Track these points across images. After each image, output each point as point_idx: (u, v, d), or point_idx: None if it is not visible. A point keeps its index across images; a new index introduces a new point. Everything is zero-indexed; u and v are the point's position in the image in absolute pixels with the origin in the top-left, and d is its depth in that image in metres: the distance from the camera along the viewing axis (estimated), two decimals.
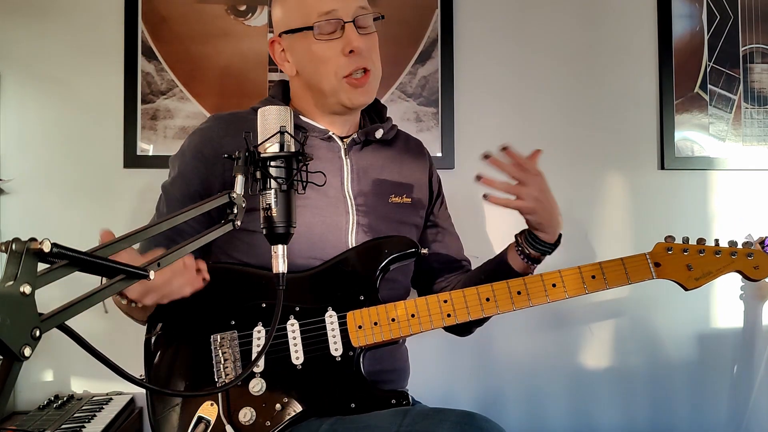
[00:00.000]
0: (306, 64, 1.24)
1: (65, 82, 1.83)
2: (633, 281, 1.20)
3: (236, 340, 1.14)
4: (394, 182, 1.31)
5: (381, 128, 1.31)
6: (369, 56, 1.23)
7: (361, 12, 1.21)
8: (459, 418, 0.97)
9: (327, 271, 1.18)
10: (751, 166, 1.99)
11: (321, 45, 1.20)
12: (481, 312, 1.17)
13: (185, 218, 0.74)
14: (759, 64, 1.99)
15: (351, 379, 1.13)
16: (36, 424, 1.44)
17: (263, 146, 0.87)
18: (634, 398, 1.95)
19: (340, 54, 1.19)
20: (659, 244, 1.23)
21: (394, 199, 1.30)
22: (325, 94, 1.23)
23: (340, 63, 1.20)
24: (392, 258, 1.19)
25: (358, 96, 1.23)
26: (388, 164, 1.32)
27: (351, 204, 1.24)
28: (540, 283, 1.19)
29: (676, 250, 1.22)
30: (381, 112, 1.38)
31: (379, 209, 1.27)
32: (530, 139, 1.93)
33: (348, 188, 1.25)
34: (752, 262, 1.21)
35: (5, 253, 0.52)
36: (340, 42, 1.19)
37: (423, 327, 1.16)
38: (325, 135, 1.25)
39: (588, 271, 1.20)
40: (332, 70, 1.20)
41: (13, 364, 0.51)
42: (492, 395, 1.92)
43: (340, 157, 1.26)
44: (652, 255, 1.22)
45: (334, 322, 1.15)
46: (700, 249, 1.22)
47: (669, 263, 1.21)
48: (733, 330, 1.98)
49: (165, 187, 1.26)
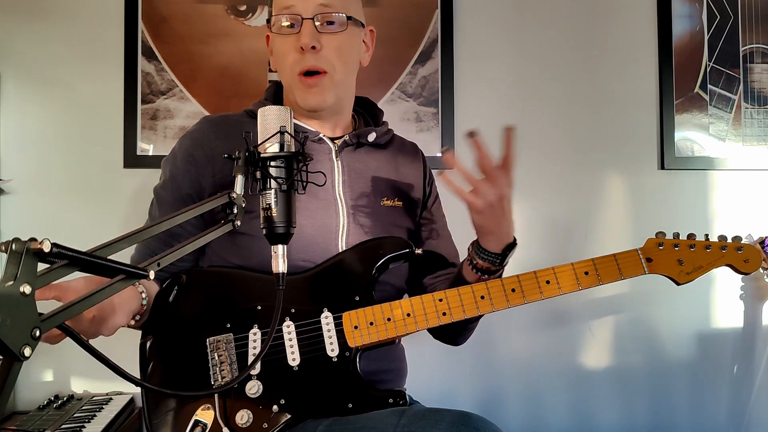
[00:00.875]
0: (273, 58, 1.27)
1: (65, 82, 1.83)
2: (626, 276, 1.21)
3: (232, 343, 1.13)
4: (386, 185, 1.30)
5: (374, 132, 1.30)
6: (329, 57, 1.20)
7: (322, 10, 1.19)
8: (455, 419, 0.97)
9: (322, 273, 1.18)
10: (751, 166, 1.99)
11: (280, 39, 1.21)
12: (476, 310, 1.17)
13: (183, 219, 0.74)
14: (759, 64, 1.99)
15: (348, 379, 1.13)
16: (36, 424, 1.44)
17: (263, 146, 0.86)
18: (634, 398, 1.95)
19: (293, 50, 1.19)
20: (650, 240, 1.25)
21: (386, 202, 1.29)
22: (288, 91, 1.24)
23: (294, 58, 1.20)
24: (388, 258, 1.18)
25: (310, 97, 1.21)
26: (382, 167, 1.31)
27: (342, 206, 1.23)
28: (534, 280, 1.20)
29: (667, 245, 1.24)
30: (377, 115, 1.37)
31: (371, 212, 1.26)
32: (530, 139, 1.94)
33: (339, 190, 1.24)
34: (742, 255, 1.24)
35: (5, 253, 0.52)
36: (296, 38, 1.19)
37: (419, 326, 1.16)
38: (315, 137, 1.25)
39: (581, 267, 1.21)
40: (288, 64, 1.21)
41: (13, 364, 0.51)
42: (491, 395, 1.92)
43: (330, 158, 1.25)
44: (644, 250, 1.24)
45: (330, 323, 1.14)
46: (691, 244, 1.24)
47: (660, 258, 1.23)
48: (733, 330, 1.98)
49: (156, 191, 1.26)
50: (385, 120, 1.37)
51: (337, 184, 1.25)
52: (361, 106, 1.39)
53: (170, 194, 1.22)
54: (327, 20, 1.20)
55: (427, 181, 1.41)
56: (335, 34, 1.21)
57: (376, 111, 1.38)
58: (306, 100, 1.22)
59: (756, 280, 1.95)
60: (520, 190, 1.93)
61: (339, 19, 1.21)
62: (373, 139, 1.30)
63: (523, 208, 1.95)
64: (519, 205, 1.93)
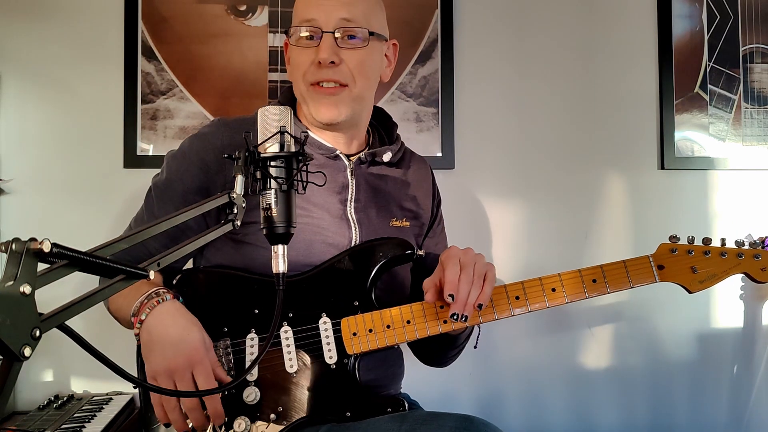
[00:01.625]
0: (290, 68, 1.24)
1: (65, 82, 1.83)
2: (635, 285, 1.16)
3: (229, 347, 1.13)
4: (396, 206, 1.28)
5: (389, 151, 1.27)
6: (349, 72, 1.17)
7: (343, 24, 1.15)
8: (457, 423, 0.96)
9: (320, 276, 1.16)
10: (751, 166, 1.99)
11: (298, 50, 1.18)
12: (477, 318, 1.14)
13: (183, 219, 0.74)
14: (759, 64, 1.99)
15: (346, 386, 1.12)
16: (36, 424, 1.44)
17: (263, 146, 0.86)
18: (634, 398, 1.95)
19: (310, 63, 1.16)
20: (663, 245, 1.18)
21: (395, 223, 1.27)
22: (302, 102, 1.21)
23: (309, 70, 1.17)
24: (386, 261, 1.16)
25: (323, 108, 1.17)
26: (393, 187, 1.29)
27: (354, 225, 1.21)
28: (539, 287, 1.16)
29: (681, 251, 1.17)
30: (391, 128, 1.34)
31: (380, 232, 1.24)
32: (530, 139, 1.94)
33: (351, 208, 1.22)
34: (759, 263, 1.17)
35: (5, 253, 0.52)
36: (314, 51, 1.16)
37: (419, 334, 1.13)
38: (332, 154, 1.22)
39: (589, 274, 1.16)
40: (300, 74, 1.18)
41: (13, 364, 0.51)
42: (492, 397, 1.91)
43: (345, 176, 1.23)
44: (656, 257, 1.17)
45: (328, 329, 1.13)
46: (706, 250, 1.17)
47: (673, 265, 1.16)
48: (733, 330, 1.98)
49: (158, 186, 1.21)
50: (398, 133, 1.34)
51: (349, 202, 1.22)
52: (375, 117, 1.35)
53: (176, 194, 1.18)
54: (348, 34, 1.16)
55: (435, 203, 1.39)
56: (356, 49, 1.17)
57: (389, 124, 1.35)
58: (319, 112, 1.18)
59: None
60: (520, 190, 1.95)
61: (361, 33, 1.17)
62: (389, 159, 1.27)
63: (523, 208, 1.95)
64: (519, 204, 1.95)
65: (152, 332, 1.04)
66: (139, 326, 1.06)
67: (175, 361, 1.01)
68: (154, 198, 1.21)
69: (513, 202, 1.94)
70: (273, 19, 1.88)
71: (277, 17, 1.88)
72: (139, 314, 1.06)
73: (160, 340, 1.02)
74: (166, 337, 1.02)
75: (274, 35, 1.87)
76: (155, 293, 1.07)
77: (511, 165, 1.94)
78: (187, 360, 1.02)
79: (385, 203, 1.27)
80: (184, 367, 1.02)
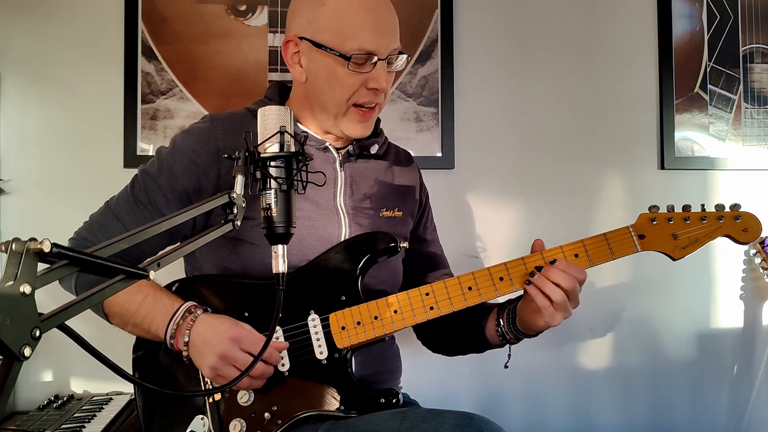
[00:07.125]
0: (321, 80, 1.18)
1: (65, 82, 1.83)
2: (617, 256, 1.16)
3: None
4: (386, 196, 1.29)
5: (376, 143, 1.29)
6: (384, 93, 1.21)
7: (394, 53, 1.18)
8: (458, 420, 0.96)
9: (306, 273, 1.16)
10: (751, 166, 1.99)
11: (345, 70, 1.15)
12: (464, 302, 1.15)
13: (182, 220, 0.74)
14: (759, 64, 1.99)
15: (338, 381, 1.12)
16: (36, 424, 1.44)
17: (263, 146, 0.86)
18: (634, 398, 1.95)
19: (360, 86, 1.16)
20: (642, 215, 1.18)
21: (385, 213, 1.28)
22: (326, 112, 1.20)
23: (358, 93, 1.17)
24: (371, 255, 1.17)
25: (360, 128, 1.21)
26: (381, 177, 1.30)
27: (344, 216, 1.22)
28: (522, 267, 1.17)
29: (660, 219, 1.17)
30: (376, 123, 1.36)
31: (372, 222, 1.25)
32: (530, 139, 1.94)
33: (340, 200, 1.23)
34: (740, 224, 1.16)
35: (5, 253, 0.52)
36: (366, 76, 1.16)
37: (407, 322, 1.15)
38: (321, 145, 1.23)
39: (570, 249, 1.17)
40: (345, 96, 1.17)
41: (13, 364, 0.51)
42: (492, 396, 1.91)
43: (334, 168, 1.24)
44: (636, 227, 1.17)
45: (317, 325, 1.13)
46: (685, 216, 1.17)
47: (654, 234, 1.17)
48: (733, 330, 1.98)
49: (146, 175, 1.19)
50: (381, 128, 1.36)
51: (338, 194, 1.23)
52: None
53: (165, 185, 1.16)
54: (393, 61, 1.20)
55: (422, 191, 1.41)
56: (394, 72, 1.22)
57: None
58: (354, 130, 1.20)
59: (756, 280, 1.95)
60: (520, 189, 1.94)
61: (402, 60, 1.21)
62: (376, 150, 1.29)
63: (523, 208, 1.95)
64: (519, 204, 1.94)
65: (197, 344, 1.08)
66: (186, 348, 1.09)
67: (221, 347, 1.05)
68: (142, 184, 1.19)
69: (513, 202, 1.94)
70: (273, 19, 1.88)
71: (277, 17, 1.88)
72: (179, 336, 1.09)
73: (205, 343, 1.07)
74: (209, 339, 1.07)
75: (273, 35, 1.87)
76: (188, 311, 1.10)
77: (511, 164, 1.94)
78: (230, 340, 1.05)
79: (373, 194, 1.28)
80: (230, 347, 1.05)
